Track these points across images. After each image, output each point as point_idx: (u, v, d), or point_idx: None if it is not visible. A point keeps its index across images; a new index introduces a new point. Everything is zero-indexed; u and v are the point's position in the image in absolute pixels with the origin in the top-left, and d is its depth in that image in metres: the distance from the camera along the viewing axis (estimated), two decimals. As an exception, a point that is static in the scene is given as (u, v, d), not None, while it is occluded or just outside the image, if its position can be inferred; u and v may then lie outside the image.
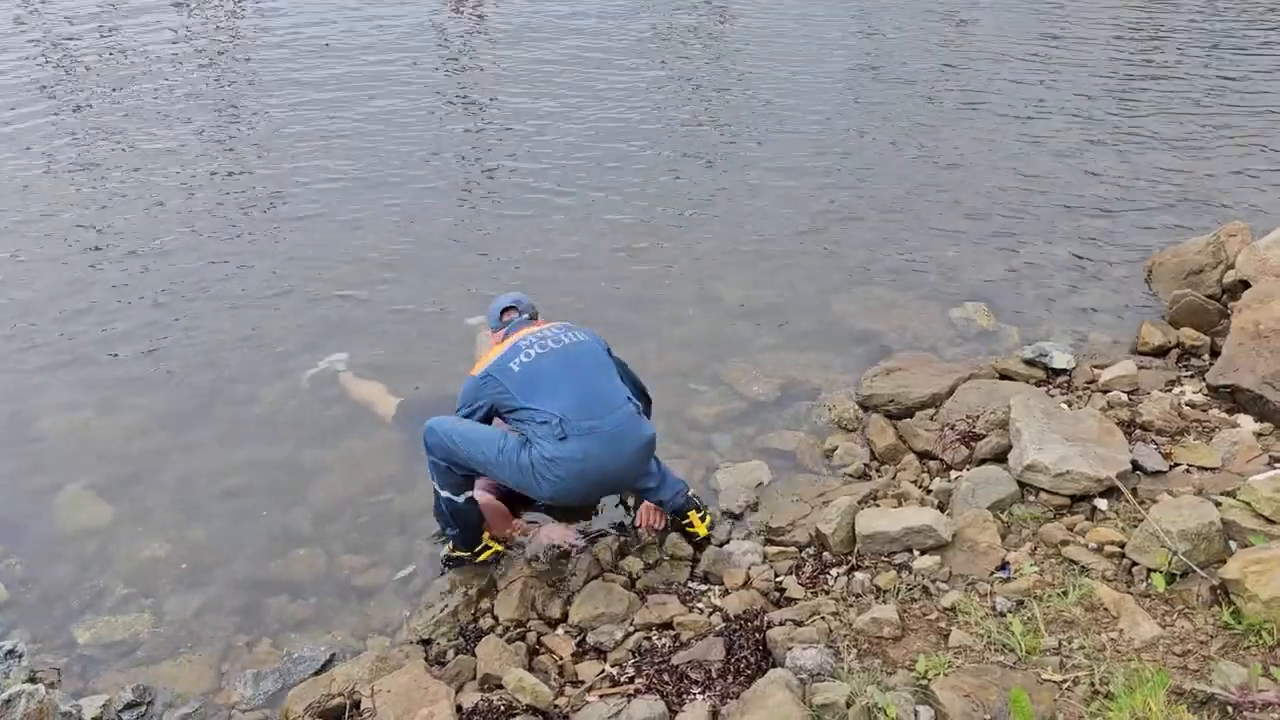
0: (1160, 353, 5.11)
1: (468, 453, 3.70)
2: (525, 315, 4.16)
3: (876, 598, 3.48)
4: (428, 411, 4.24)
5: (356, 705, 3.15)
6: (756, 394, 4.98)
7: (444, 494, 3.83)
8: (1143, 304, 5.65)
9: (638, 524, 4.10)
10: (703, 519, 4.03)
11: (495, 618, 3.74)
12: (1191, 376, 4.86)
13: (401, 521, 4.29)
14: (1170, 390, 4.69)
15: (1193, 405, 4.53)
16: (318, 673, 3.52)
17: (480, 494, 3.99)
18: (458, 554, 3.98)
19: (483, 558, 3.97)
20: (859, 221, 6.56)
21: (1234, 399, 4.52)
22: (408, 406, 4.72)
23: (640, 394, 4.04)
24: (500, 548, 3.99)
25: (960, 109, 8.39)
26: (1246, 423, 4.33)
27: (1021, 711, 2.61)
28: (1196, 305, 5.29)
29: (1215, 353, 4.98)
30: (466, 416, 3.78)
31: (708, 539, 4.02)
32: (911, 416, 4.67)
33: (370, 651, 3.58)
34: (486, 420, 3.79)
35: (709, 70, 9.45)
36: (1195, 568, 3.18)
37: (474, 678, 3.43)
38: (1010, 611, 3.24)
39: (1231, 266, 5.47)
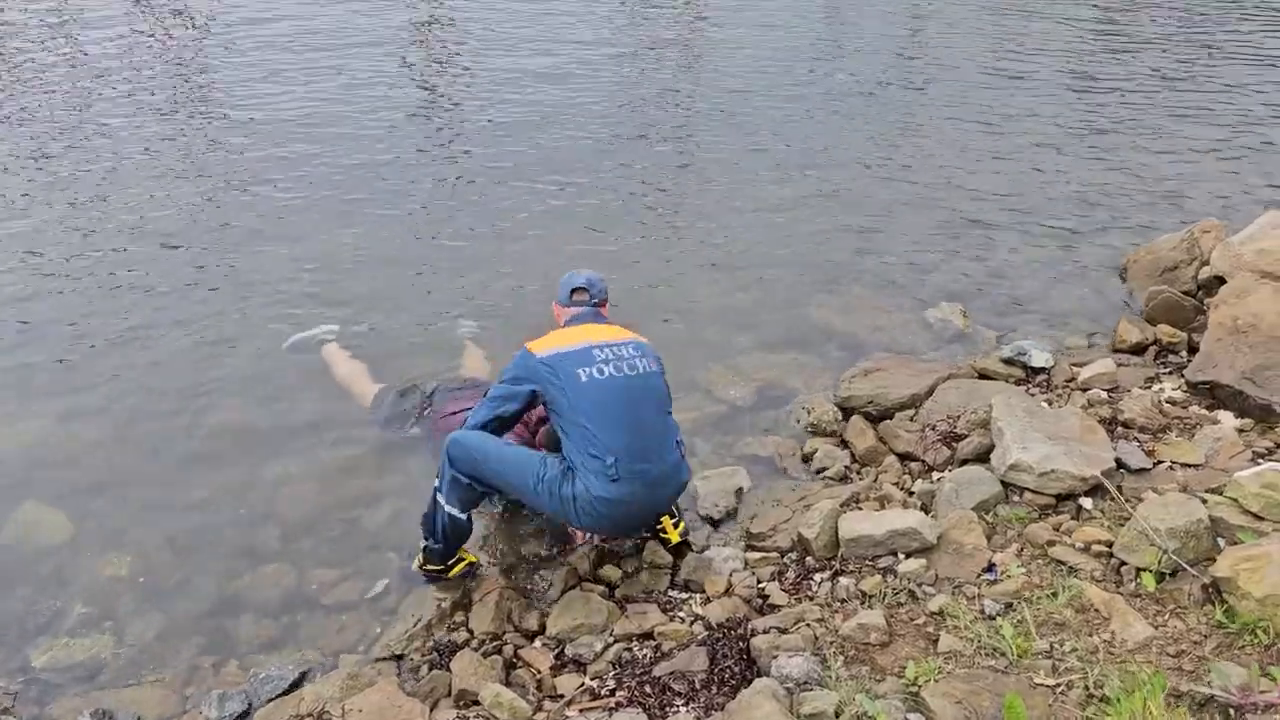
0: (1138, 350, 5.09)
1: (499, 474, 3.59)
2: (594, 301, 3.92)
3: (862, 603, 3.40)
4: (401, 406, 4.13)
5: (328, 726, 3.03)
6: (734, 398, 4.91)
7: (447, 509, 3.66)
8: (1118, 302, 5.64)
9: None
10: (676, 525, 3.93)
11: (470, 631, 3.62)
12: (1170, 373, 4.84)
13: (373, 536, 4.16)
14: (1150, 388, 4.66)
15: (1173, 402, 4.50)
16: (286, 692, 3.37)
17: None
18: (430, 568, 3.85)
19: (455, 571, 3.85)
20: (832, 227, 6.51)
21: (1213, 395, 4.49)
22: (383, 397, 4.61)
23: None
24: (474, 559, 3.87)
25: (929, 116, 8.42)
26: (1227, 419, 4.30)
27: (1015, 715, 2.54)
28: (1173, 302, 5.28)
29: (1193, 349, 4.96)
30: (502, 398, 3.63)
31: (684, 545, 3.93)
32: (891, 418, 4.61)
33: (341, 669, 3.45)
34: (520, 409, 3.65)
35: (681, 80, 9.44)
36: (1186, 566, 3.12)
37: (449, 694, 3.31)
38: (999, 614, 3.17)
39: (1206, 263, 5.46)
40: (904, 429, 4.47)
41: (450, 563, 3.84)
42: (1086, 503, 3.72)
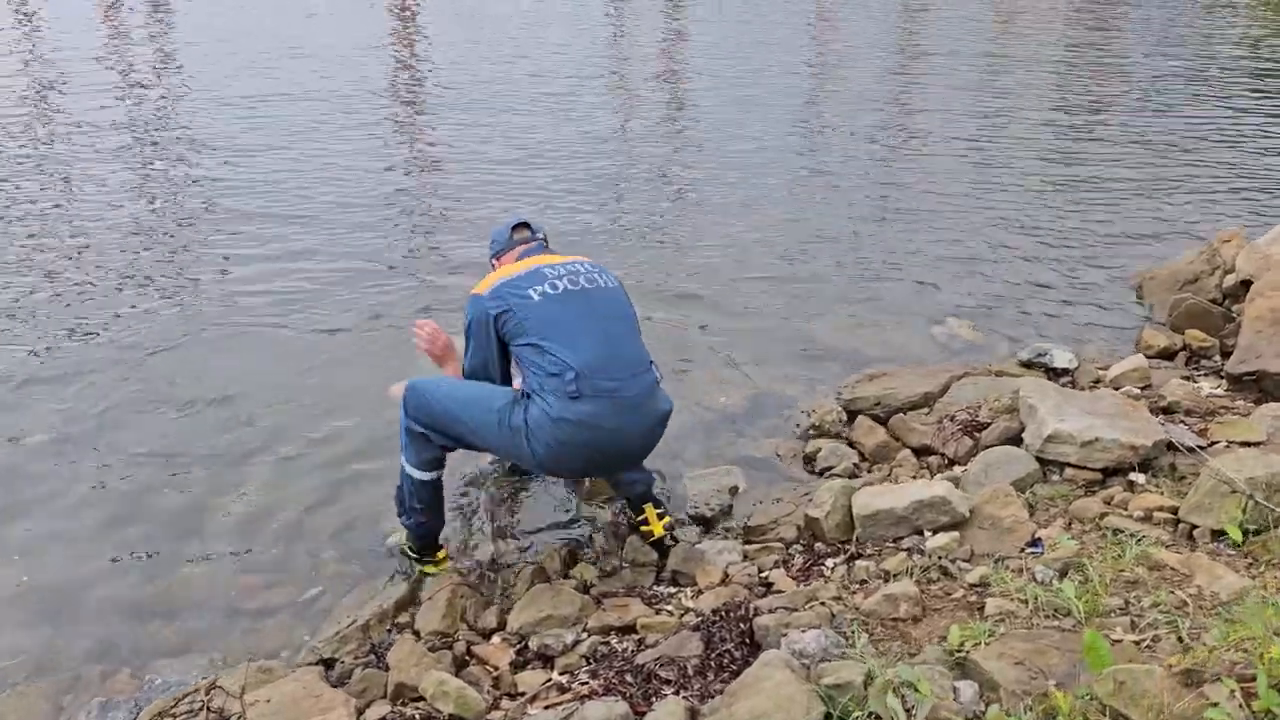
0: (1167, 355, 4.64)
1: (450, 413, 3.08)
2: (539, 240, 3.44)
3: (886, 582, 2.83)
4: None
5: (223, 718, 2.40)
6: (726, 405, 4.40)
7: (408, 469, 3.19)
8: (1138, 316, 5.22)
9: None
10: (661, 518, 3.36)
11: (416, 633, 3.01)
12: (1206, 375, 4.37)
13: (310, 541, 3.56)
14: (1188, 383, 4.18)
15: (1216, 397, 4.02)
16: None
17: None
18: (408, 550, 3.32)
19: (429, 568, 3.27)
20: (831, 251, 6.11)
21: (1259, 387, 4.03)
22: None
23: None
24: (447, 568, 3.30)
25: (928, 140, 8.25)
26: (1280, 408, 3.82)
27: (1098, 657, 1.97)
28: (1199, 309, 4.86)
29: (1226, 354, 4.51)
30: (471, 343, 3.16)
31: (668, 540, 3.34)
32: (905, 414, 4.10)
33: (250, 664, 2.82)
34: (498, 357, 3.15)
35: (677, 101, 9.25)
36: None
37: (385, 695, 2.70)
38: (1055, 579, 2.61)
39: (1230, 270, 5.07)
40: (918, 422, 3.96)
41: (425, 554, 3.30)
42: (1139, 478, 3.20)
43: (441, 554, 3.32)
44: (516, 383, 3.16)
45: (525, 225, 3.46)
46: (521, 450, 2.98)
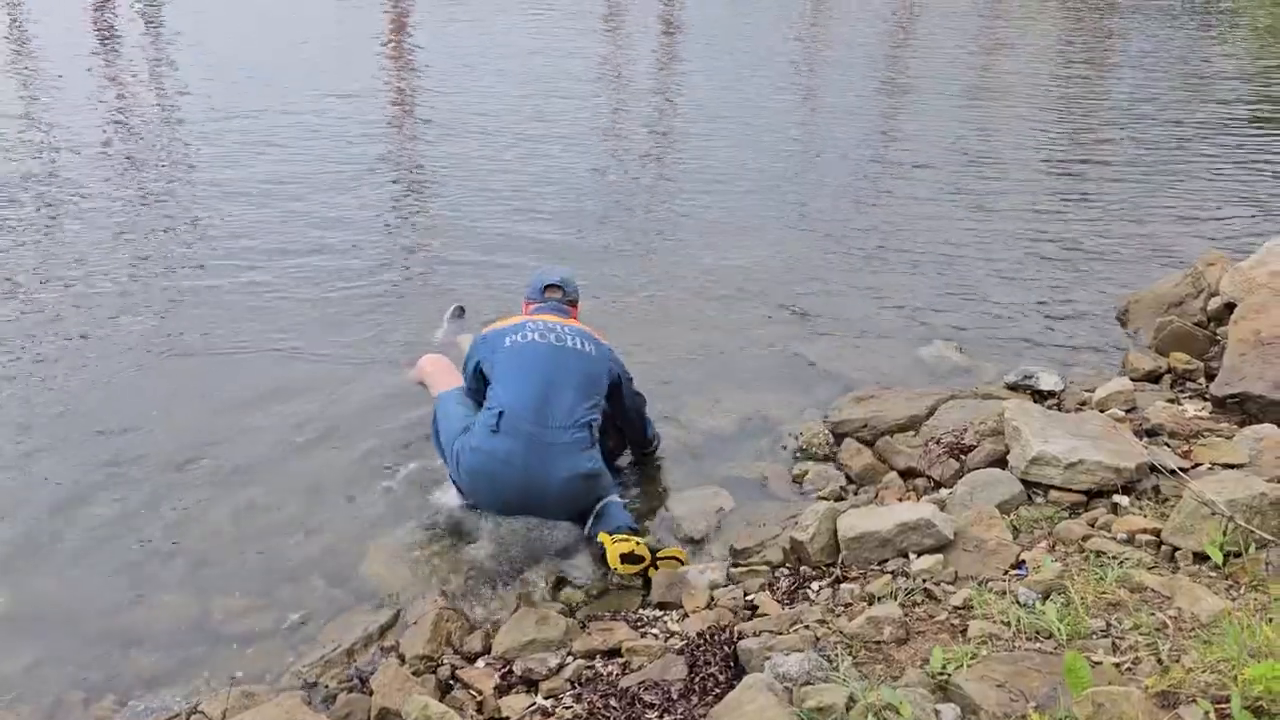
0: (1152, 378, 4.65)
1: (438, 429, 3.61)
2: (565, 301, 3.89)
3: (870, 605, 2.83)
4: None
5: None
6: (712, 428, 4.41)
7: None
8: (1122, 339, 5.24)
9: None
10: (615, 542, 3.25)
11: (401, 657, 3.00)
12: (1191, 398, 4.40)
13: (295, 567, 3.55)
14: (1172, 405, 4.20)
15: (1200, 419, 4.04)
16: (166, 723, 2.74)
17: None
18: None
19: None
20: (818, 274, 6.12)
21: (1243, 409, 4.05)
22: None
23: (637, 434, 3.97)
24: None
25: (914, 168, 8.28)
26: (1265, 430, 3.83)
27: (1078, 679, 1.97)
28: (1183, 332, 4.89)
29: (1210, 376, 4.53)
30: (466, 369, 3.71)
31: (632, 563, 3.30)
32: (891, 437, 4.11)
33: (232, 689, 2.81)
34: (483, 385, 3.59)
35: (656, 122, 9.30)
36: (1267, 535, 2.60)
37: (368, 719, 2.69)
38: (1038, 601, 2.62)
39: (1215, 294, 5.10)
40: (905, 445, 3.97)
41: None
42: (1123, 500, 3.22)
43: None
44: None
45: (558, 287, 3.89)
46: (457, 476, 3.30)
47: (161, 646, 3.18)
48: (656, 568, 3.30)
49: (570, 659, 2.89)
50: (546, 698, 2.71)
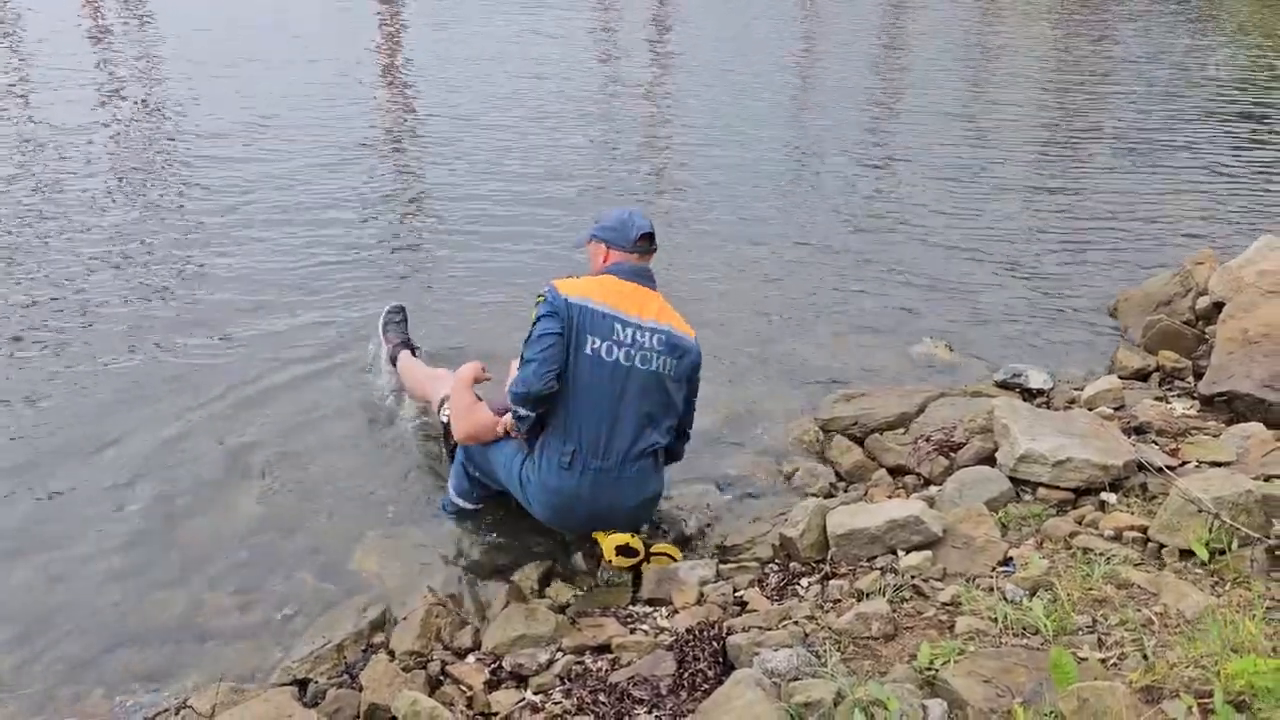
0: (1141, 376, 4.68)
1: (495, 474, 3.49)
2: (647, 265, 3.45)
3: (859, 601, 2.85)
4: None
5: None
6: (702, 425, 4.37)
7: (452, 496, 3.69)
8: (1112, 337, 5.27)
9: None
10: (610, 534, 3.32)
11: (391, 653, 3.00)
12: (1179, 396, 4.42)
13: (285, 563, 3.55)
14: (1161, 403, 4.22)
15: (1188, 417, 4.06)
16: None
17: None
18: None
19: None
20: (810, 272, 6.14)
21: (1231, 407, 4.07)
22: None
23: (686, 424, 3.57)
24: None
25: (906, 167, 8.31)
26: (1251, 428, 3.86)
27: (1064, 675, 1.99)
28: (1172, 330, 4.91)
29: (1198, 375, 4.56)
30: (540, 337, 3.21)
31: (627, 556, 3.34)
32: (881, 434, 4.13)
33: (221, 684, 2.81)
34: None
35: (653, 129, 9.28)
36: (1251, 532, 2.62)
37: (358, 715, 2.69)
38: (1025, 598, 2.64)
39: (1203, 292, 5.13)
40: (894, 442, 3.99)
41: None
42: (1110, 498, 3.24)
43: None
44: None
45: (652, 237, 3.42)
46: (530, 507, 3.33)
47: (151, 642, 3.18)
48: (649, 562, 3.32)
49: (560, 655, 2.89)
50: (536, 693, 2.71)
